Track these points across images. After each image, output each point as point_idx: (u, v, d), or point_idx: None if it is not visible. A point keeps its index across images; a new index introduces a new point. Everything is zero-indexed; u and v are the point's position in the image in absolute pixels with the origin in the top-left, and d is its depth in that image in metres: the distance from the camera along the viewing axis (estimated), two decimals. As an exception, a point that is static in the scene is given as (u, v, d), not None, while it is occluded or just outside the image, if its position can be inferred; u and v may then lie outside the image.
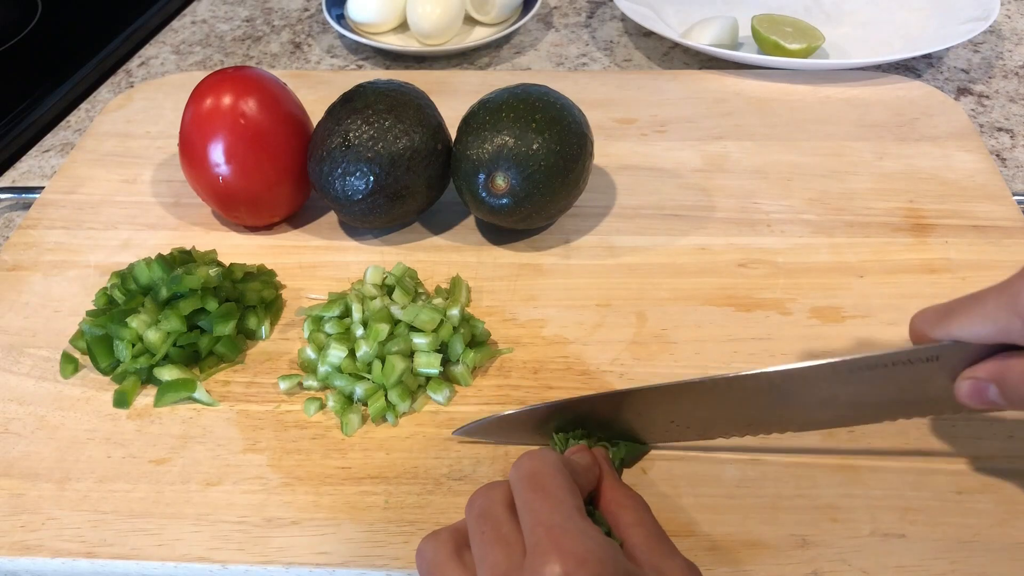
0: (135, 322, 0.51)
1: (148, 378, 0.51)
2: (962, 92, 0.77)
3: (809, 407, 0.42)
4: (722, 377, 0.42)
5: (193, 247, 0.59)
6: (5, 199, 0.68)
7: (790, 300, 0.55)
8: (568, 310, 0.55)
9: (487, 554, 0.34)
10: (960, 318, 0.38)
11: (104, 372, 0.52)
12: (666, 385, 0.43)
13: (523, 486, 0.36)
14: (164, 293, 0.52)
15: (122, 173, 0.68)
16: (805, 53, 0.77)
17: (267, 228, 0.62)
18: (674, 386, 0.43)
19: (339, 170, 0.55)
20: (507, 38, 0.87)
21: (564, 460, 0.38)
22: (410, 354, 0.50)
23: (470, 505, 0.37)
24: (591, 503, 0.40)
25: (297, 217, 0.63)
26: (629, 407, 0.44)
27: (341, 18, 0.86)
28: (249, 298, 0.54)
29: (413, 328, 0.50)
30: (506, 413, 0.46)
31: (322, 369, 0.50)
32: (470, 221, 0.62)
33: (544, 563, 0.32)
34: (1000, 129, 0.72)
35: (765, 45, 0.79)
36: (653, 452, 0.46)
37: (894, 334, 0.52)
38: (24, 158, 0.74)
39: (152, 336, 0.51)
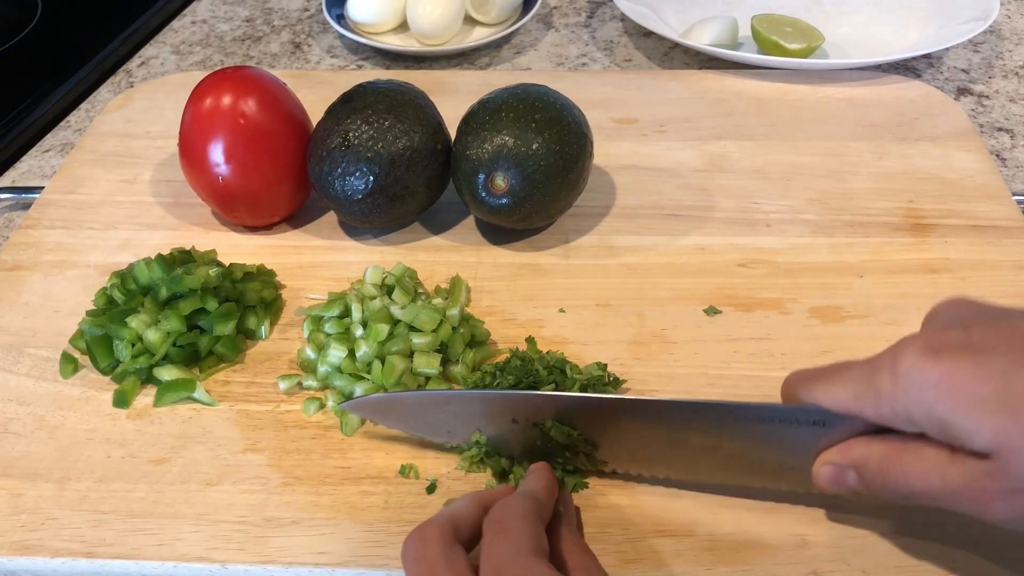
0: (135, 322, 0.51)
1: (148, 378, 0.51)
2: (962, 92, 0.77)
3: (693, 449, 0.42)
4: (606, 397, 0.42)
5: (193, 247, 0.59)
6: (5, 199, 0.68)
7: (790, 300, 0.55)
8: (568, 310, 0.55)
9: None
10: (825, 382, 0.38)
11: (104, 372, 0.52)
12: (552, 395, 0.42)
13: (488, 528, 0.37)
14: (164, 293, 0.52)
15: (122, 173, 0.68)
16: (805, 53, 0.77)
17: (267, 228, 0.62)
18: (562, 397, 0.42)
19: (339, 170, 0.55)
20: (507, 38, 0.87)
21: (536, 505, 0.38)
22: (410, 354, 0.50)
23: (403, 552, 0.37)
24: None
25: (297, 217, 0.63)
26: (512, 410, 0.43)
27: (341, 18, 0.86)
28: (249, 298, 0.54)
29: (413, 328, 0.50)
30: (395, 394, 0.45)
31: (322, 369, 0.50)
32: (470, 221, 0.62)
33: None
34: (1000, 129, 0.72)
35: (765, 45, 0.79)
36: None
37: (894, 333, 0.52)
38: (24, 158, 0.74)
39: (152, 336, 0.51)
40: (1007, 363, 0.32)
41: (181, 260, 0.56)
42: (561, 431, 0.42)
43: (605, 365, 0.49)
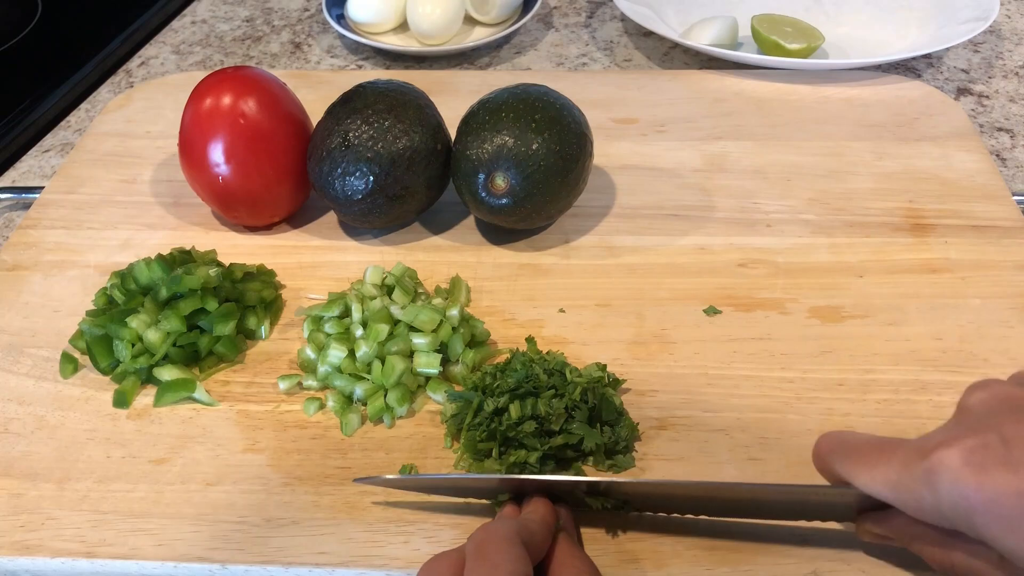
0: (135, 322, 0.51)
1: (148, 378, 0.51)
2: (962, 92, 0.77)
3: (728, 510, 0.43)
4: (638, 481, 0.42)
5: (193, 247, 0.59)
6: (5, 199, 0.68)
7: (790, 300, 0.55)
8: (568, 310, 0.55)
9: None
10: (863, 470, 0.37)
11: (104, 372, 0.52)
12: (581, 481, 0.42)
13: (470, 556, 0.36)
14: (164, 293, 0.52)
15: (122, 173, 0.68)
16: (805, 53, 0.77)
17: (267, 228, 0.62)
18: (592, 483, 0.42)
19: (339, 170, 0.55)
20: (507, 38, 0.87)
21: (519, 528, 0.38)
22: (410, 354, 0.50)
23: (420, 573, 0.37)
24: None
25: (297, 217, 0.63)
26: (543, 487, 0.42)
27: (341, 18, 0.86)
28: (249, 298, 0.54)
29: (413, 328, 0.50)
30: (409, 477, 0.45)
31: (322, 369, 0.50)
32: (470, 221, 0.62)
33: None
34: (1000, 129, 0.72)
35: (765, 45, 0.79)
36: (651, 453, 0.46)
37: (893, 333, 0.52)
38: (24, 158, 0.74)
39: (152, 336, 0.51)
40: None
41: (181, 260, 0.56)
42: (596, 502, 0.42)
43: (605, 366, 0.49)
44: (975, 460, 0.33)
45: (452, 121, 0.59)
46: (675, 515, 0.43)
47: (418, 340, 0.49)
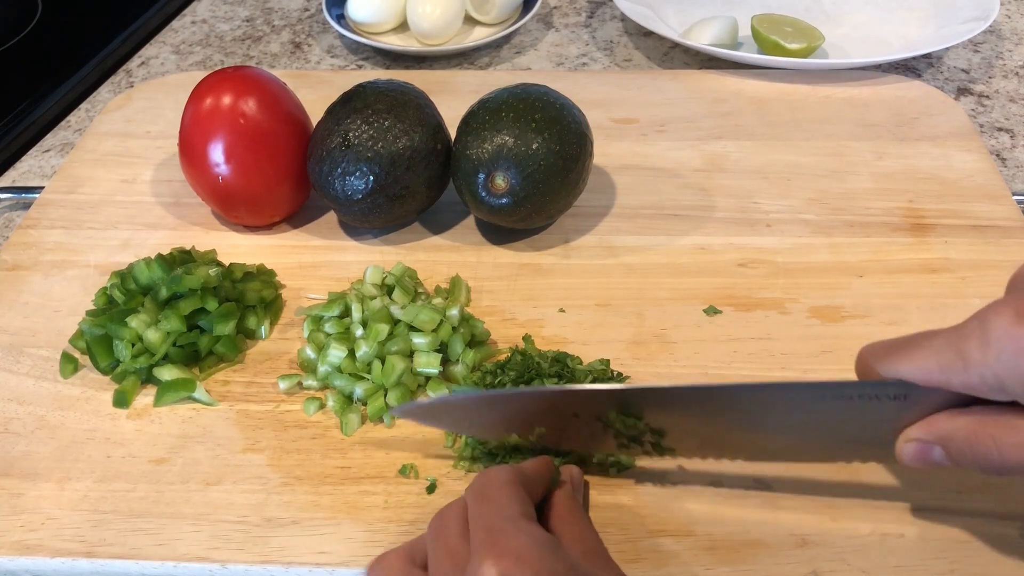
0: (135, 322, 0.51)
1: (148, 378, 0.51)
2: (962, 92, 0.77)
3: (767, 431, 0.40)
4: (677, 387, 0.40)
5: (193, 247, 0.59)
6: (5, 199, 0.68)
7: (790, 300, 0.55)
8: (568, 310, 0.55)
9: (436, 567, 0.35)
10: (906, 354, 0.36)
11: (104, 372, 0.52)
12: (620, 389, 0.41)
13: (472, 499, 0.37)
14: (164, 293, 0.52)
15: (122, 173, 0.68)
16: (805, 53, 0.77)
17: (267, 228, 0.62)
18: (629, 390, 0.41)
19: (339, 170, 0.55)
20: (507, 38, 0.87)
21: (516, 471, 0.38)
22: (410, 354, 0.50)
23: (430, 526, 0.37)
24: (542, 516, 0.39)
25: (297, 217, 0.63)
26: (573, 405, 0.42)
27: (341, 18, 0.86)
28: (249, 298, 0.54)
29: (413, 328, 0.50)
30: (445, 396, 0.44)
31: (322, 369, 0.50)
32: (470, 221, 0.62)
33: (480, 563, 0.33)
34: (1000, 129, 0.72)
35: (765, 45, 0.79)
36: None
37: (893, 333, 0.52)
38: (24, 158, 0.74)
39: (152, 336, 0.51)
40: None
41: (181, 260, 0.56)
42: (626, 423, 0.41)
43: (608, 361, 0.49)
44: None
45: (452, 121, 0.59)
46: (714, 458, 0.42)
47: (418, 340, 0.49)
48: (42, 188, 0.67)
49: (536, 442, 0.44)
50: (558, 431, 0.43)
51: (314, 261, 0.60)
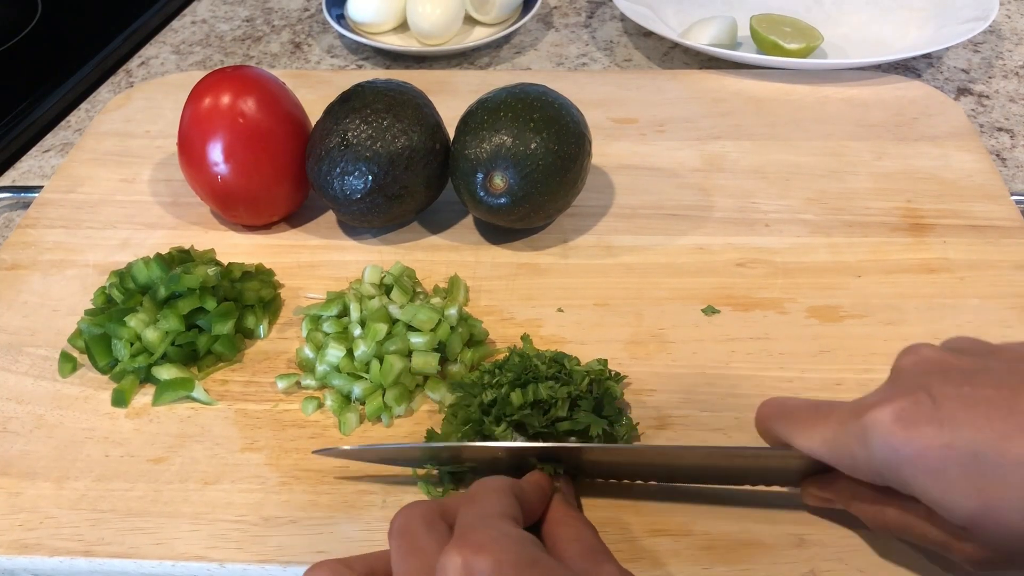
0: (133, 321, 0.51)
1: (146, 377, 0.51)
2: (962, 92, 0.77)
3: (680, 476, 0.44)
4: (579, 447, 0.42)
5: (192, 246, 0.59)
6: (5, 199, 0.68)
7: (788, 300, 0.55)
8: (566, 309, 0.55)
9: (401, 566, 0.35)
10: (801, 431, 0.39)
11: (102, 371, 0.52)
12: (519, 447, 0.42)
13: (462, 503, 0.37)
14: (162, 292, 0.52)
15: (121, 172, 0.68)
16: (804, 53, 0.77)
17: (265, 227, 0.62)
18: (532, 449, 0.42)
19: (337, 169, 0.55)
20: (507, 38, 0.87)
21: (511, 482, 0.39)
22: (408, 353, 0.50)
23: (391, 525, 0.37)
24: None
25: (296, 216, 0.63)
26: (489, 455, 0.43)
27: (341, 18, 0.86)
28: (247, 297, 0.54)
29: (411, 327, 0.50)
30: (367, 447, 0.45)
31: (320, 368, 0.50)
32: (468, 220, 0.62)
33: (447, 556, 0.33)
34: (1000, 129, 0.72)
35: (764, 45, 0.79)
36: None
37: (892, 333, 0.52)
38: (24, 158, 0.74)
39: (150, 335, 0.51)
40: (975, 441, 0.33)
41: (180, 259, 0.56)
42: (547, 468, 0.42)
43: (606, 361, 0.49)
44: (905, 416, 0.34)
45: (452, 121, 0.59)
46: (624, 481, 0.44)
47: (416, 339, 0.49)
48: (41, 188, 0.67)
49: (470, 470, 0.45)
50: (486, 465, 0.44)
51: (313, 261, 0.60)
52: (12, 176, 0.72)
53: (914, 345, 0.38)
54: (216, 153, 0.57)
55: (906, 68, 0.80)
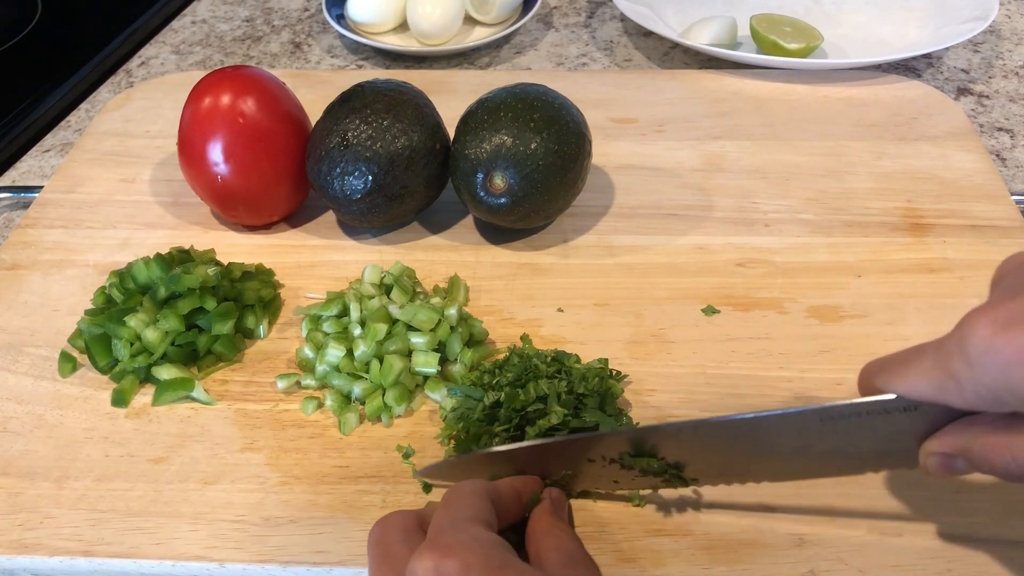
0: (133, 321, 0.51)
1: (146, 377, 0.51)
2: (962, 92, 0.77)
3: (784, 454, 0.40)
4: (688, 423, 0.40)
5: (191, 246, 0.59)
6: (5, 199, 0.68)
7: (788, 299, 0.55)
8: (566, 309, 0.55)
9: (375, 573, 0.36)
10: (900, 373, 0.36)
11: (102, 371, 0.52)
12: (633, 430, 0.41)
13: (437, 509, 0.37)
14: (162, 292, 0.52)
15: (121, 172, 0.68)
16: (804, 53, 0.77)
17: (265, 227, 0.62)
18: (642, 430, 0.40)
19: (337, 169, 0.55)
20: (507, 38, 0.87)
21: (487, 485, 0.39)
22: (408, 353, 0.50)
23: (370, 535, 0.38)
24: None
25: (295, 216, 0.63)
26: (585, 452, 0.42)
27: (341, 18, 0.86)
28: (247, 297, 0.54)
29: (411, 327, 0.50)
30: (464, 455, 0.44)
31: (320, 368, 0.50)
32: (468, 220, 0.62)
33: (417, 559, 0.34)
34: (1000, 129, 0.72)
35: (764, 45, 0.79)
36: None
37: (891, 333, 0.52)
38: (24, 158, 0.74)
39: (150, 335, 0.51)
40: None
41: (180, 259, 0.56)
42: (641, 462, 0.41)
43: (606, 360, 0.49)
44: (1003, 320, 0.32)
45: (452, 121, 0.59)
46: (738, 483, 0.42)
47: (416, 339, 0.49)
48: (41, 188, 0.67)
49: (560, 480, 0.43)
50: (580, 473, 0.43)
51: (312, 261, 0.60)
52: (12, 176, 0.72)
53: (1015, 254, 0.36)
54: (216, 153, 0.57)
55: (906, 68, 0.80)
